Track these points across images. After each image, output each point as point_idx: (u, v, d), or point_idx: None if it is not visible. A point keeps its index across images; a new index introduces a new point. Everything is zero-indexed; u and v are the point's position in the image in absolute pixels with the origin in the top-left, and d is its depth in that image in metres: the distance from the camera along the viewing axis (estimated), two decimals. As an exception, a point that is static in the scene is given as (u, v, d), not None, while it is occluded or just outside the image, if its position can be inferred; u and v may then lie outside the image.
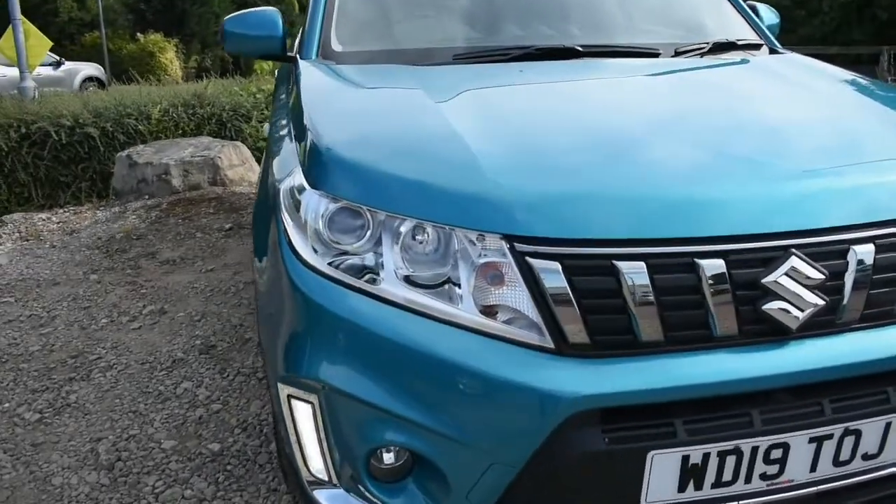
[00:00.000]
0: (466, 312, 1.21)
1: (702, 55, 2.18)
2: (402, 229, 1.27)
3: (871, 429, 1.26)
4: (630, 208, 1.21)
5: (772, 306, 1.20)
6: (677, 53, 2.16)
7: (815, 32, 21.20)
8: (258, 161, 6.00)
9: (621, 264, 1.17)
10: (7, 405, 2.53)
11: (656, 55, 2.14)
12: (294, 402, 1.34)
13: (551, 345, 1.18)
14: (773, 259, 1.21)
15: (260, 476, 2.09)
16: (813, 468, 1.26)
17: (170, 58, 28.49)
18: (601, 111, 1.68)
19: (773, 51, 2.34)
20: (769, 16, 2.67)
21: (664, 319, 1.18)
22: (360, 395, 1.23)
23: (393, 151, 1.40)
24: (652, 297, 1.17)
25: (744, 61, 2.21)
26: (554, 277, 1.17)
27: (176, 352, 2.87)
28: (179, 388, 2.60)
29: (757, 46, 2.34)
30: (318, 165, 1.37)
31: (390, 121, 1.58)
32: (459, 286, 1.23)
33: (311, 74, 1.89)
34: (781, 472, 1.24)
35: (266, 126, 5.47)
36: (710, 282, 1.18)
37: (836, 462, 1.27)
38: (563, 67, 1.98)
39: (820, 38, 20.80)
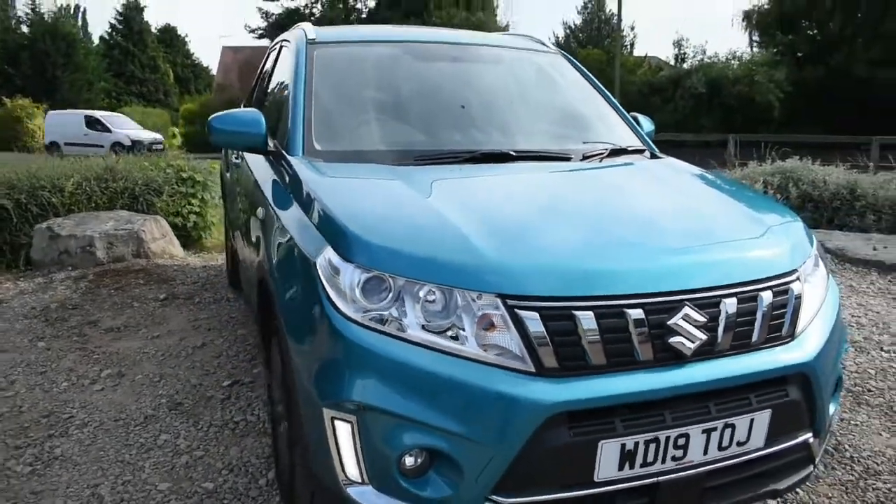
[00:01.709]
0: (471, 349, 1.71)
1: (601, 159, 2.84)
2: (418, 291, 1.76)
3: (741, 423, 1.85)
4: (582, 276, 1.77)
5: (674, 340, 1.78)
6: (584, 157, 2.80)
7: (669, 119, 23.60)
8: (177, 235, 6.24)
9: (577, 313, 1.72)
10: (-8, 461, 2.71)
11: (569, 159, 2.77)
12: (336, 423, 1.76)
13: (532, 368, 1.69)
14: (673, 308, 1.80)
15: (253, 507, 2.43)
16: (705, 452, 1.83)
17: (38, 124, 27.41)
18: (547, 202, 2.27)
19: (653, 155, 3.05)
20: (647, 124, 3.39)
21: (606, 350, 1.73)
22: (395, 409, 1.69)
23: (405, 234, 1.90)
24: (598, 335, 1.72)
25: (632, 164, 2.88)
26: (534, 322, 1.70)
27: (145, 409, 3.13)
28: (159, 439, 2.88)
29: (641, 151, 3.04)
30: (350, 245, 1.85)
31: (395, 210, 2.08)
32: (464, 330, 1.73)
33: (313, 171, 2.36)
34: (685, 454, 1.80)
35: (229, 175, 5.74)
36: (634, 324, 1.75)
37: (720, 447, 1.85)
38: (505, 169, 2.56)
39: (674, 124, 23.20)
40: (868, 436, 2.98)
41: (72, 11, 37.66)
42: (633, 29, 42.21)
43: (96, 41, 38.13)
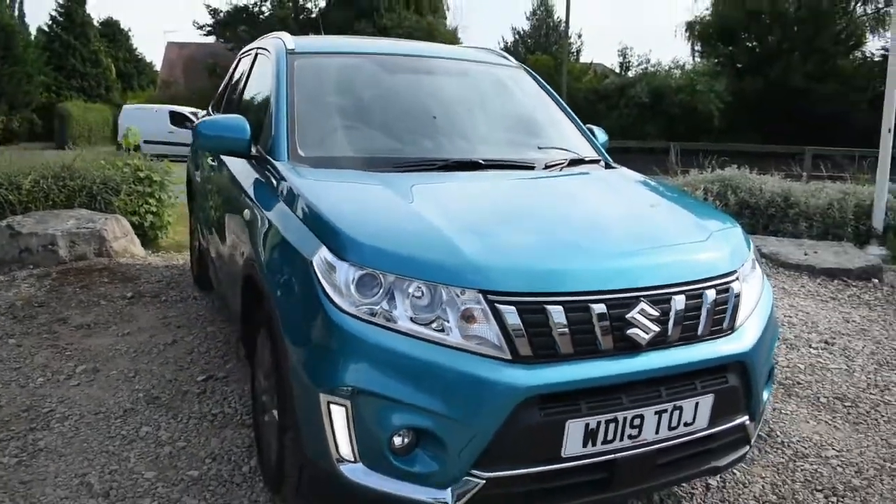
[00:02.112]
0: (454, 339, 1.92)
1: (561, 168, 3.08)
2: (407, 287, 1.96)
3: (688, 405, 2.10)
4: (553, 275, 2.00)
5: (631, 331, 2.02)
6: (547, 167, 3.04)
7: (614, 125, 24.25)
8: (137, 234, 6.27)
9: (549, 307, 1.94)
10: (-23, 454, 2.79)
11: (533, 168, 3.01)
12: (332, 407, 1.94)
13: (509, 356, 1.91)
14: (631, 303, 2.04)
15: (239, 492, 2.58)
16: (657, 431, 2.07)
17: (-26, 117, 26.48)
18: (517, 207, 2.51)
19: (608, 165, 3.30)
20: (601, 136, 3.65)
21: (573, 340, 1.96)
22: (386, 393, 1.88)
23: (394, 235, 2.09)
24: (566, 327, 1.95)
25: (589, 174, 3.13)
26: (511, 315, 1.91)
27: (123, 403, 3.24)
28: (141, 431, 2.99)
29: (597, 161, 3.29)
30: (344, 245, 2.03)
31: (383, 213, 2.27)
32: (448, 322, 1.93)
33: (301, 176, 2.52)
34: (640, 433, 2.04)
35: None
36: (597, 318, 1.99)
37: (670, 427, 2.09)
38: (475, 176, 2.77)
39: (619, 130, 23.85)
40: (797, 423, 3.30)
41: (7, 2, 36.43)
42: (580, 36, 43.15)
43: (34, 33, 36.92)
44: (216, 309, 4.54)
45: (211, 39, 35.43)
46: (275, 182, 2.62)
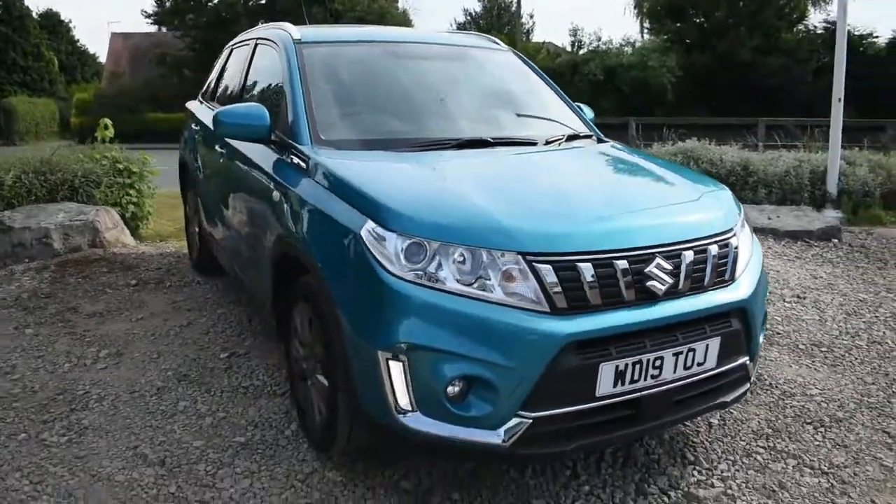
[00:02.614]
0: (497, 296, 2.14)
1: (559, 144, 3.32)
2: (451, 252, 2.17)
3: (700, 347, 2.37)
4: (581, 236, 2.24)
5: (650, 284, 2.27)
6: (547, 143, 3.27)
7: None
8: (126, 224, 6.33)
9: (579, 265, 2.18)
10: (25, 435, 2.91)
11: (535, 144, 3.23)
12: (391, 363, 2.16)
13: (548, 309, 2.14)
14: (648, 259, 2.29)
15: (286, 453, 2.78)
16: (674, 371, 2.33)
17: None
18: (534, 178, 2.75)
19: (599, 140, 3.55)
20: (588, 112, 3.90)
21: (601, 293, 2.20)
22: (441, 346, 2.10)
23: (434, 206, 2.30)
24: (595, 281, 2.19)
25: (586, 147, 3.37)
26: (548, 272, 2.14)
27: (155, 382, 3.39)
28: (179, 405, 3.16)
29: (590, 136, 3.53)
30: (391, 217, 2.23)
31: (420, 187, 2.48)
32: (490, 280, 2.15)
33: (333, 157, 2.70)
34: (661, 373, 2.30)
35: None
36: (621, 272, 2.23)
37: (685, 367, 2.36)
38: (488, 153, 2.98)
39: (575, 107, 24.04)
40: (781, 368, 3.63)
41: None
42: (531, 17, 43.45)
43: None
44: (222, 291, 4.69)
45: (155, 29, 34.69)
46: (304, 164, 2.79)
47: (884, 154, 10.55)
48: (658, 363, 2.29)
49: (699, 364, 2.40)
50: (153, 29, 35.02)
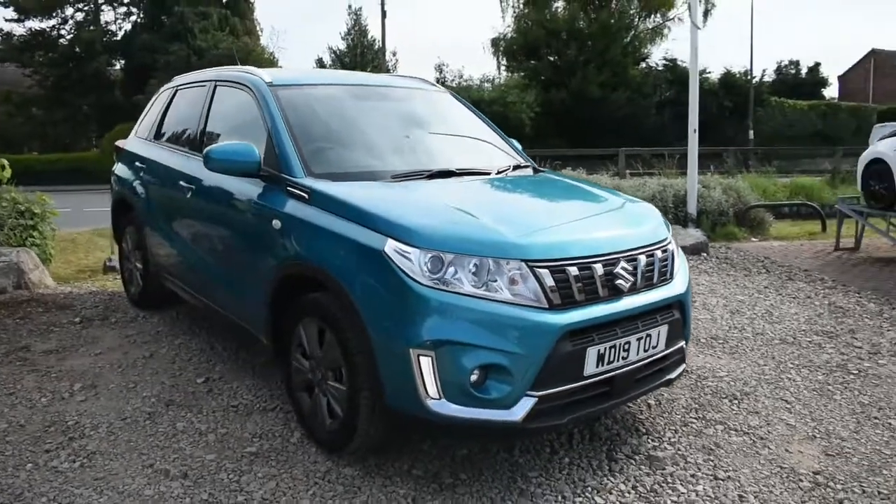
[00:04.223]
0: (504, 296, 2.60)
1: (507, 173, 3.84)
2: (465, 263, 2.61)
3: (654, 333, 2.94)
4: (569, 246, 2.74)
5: (618, 282, 2.82)
6: (498, 172, 3.79)
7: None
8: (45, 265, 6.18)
9: (568, 268, 2.68)
10: (32, 464, 2.99)
11: (489, 174, 3.73)
12: (421, 358, 2.54)
13: (546, 305, 2.62)
14: (615, 262, 2.83)
15: (298, 457, 3.05)
16: (638, 353, 2.88)
17: None
18: (510, 200, 3.27)
19: (535, 170, 4.11)
20: (517, 144, 4.47)
21: (583, 290, 2.71)
22: (464, 339, 2.52)
23: (446, 225, 2.72)
24: (579, 281, 2.70)
25: (534, 175, 3.93)
26: (546, 275, 2.63)
27: (142, 409, 3.52)
28: (177, 426, 3.33)
29: (527, 167, 4.09)
30: (412, 236, 2.62)
31: (427, 210, 2.88)
32: (497, 282, 2.60)
33: (335, 187, 3.04)
34: (629, 355, 2.84)
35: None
36: (597, 274, 2.76)
37: (644, 350, 2.91)
38: (461, 180, 3.43)
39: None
40: (691, 358, 4.30)
41: None
42: (395, 55, 44.56)
43: None
44: (171, 324, 4.79)
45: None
46: (305, 194, 3.11)
47: (730, 177, 12.08)
48: (626, 346, 2.83)
49: (654, 347, 2.96)
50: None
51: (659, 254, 3.06)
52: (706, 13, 30.46)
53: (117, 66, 32.98)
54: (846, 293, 6.16)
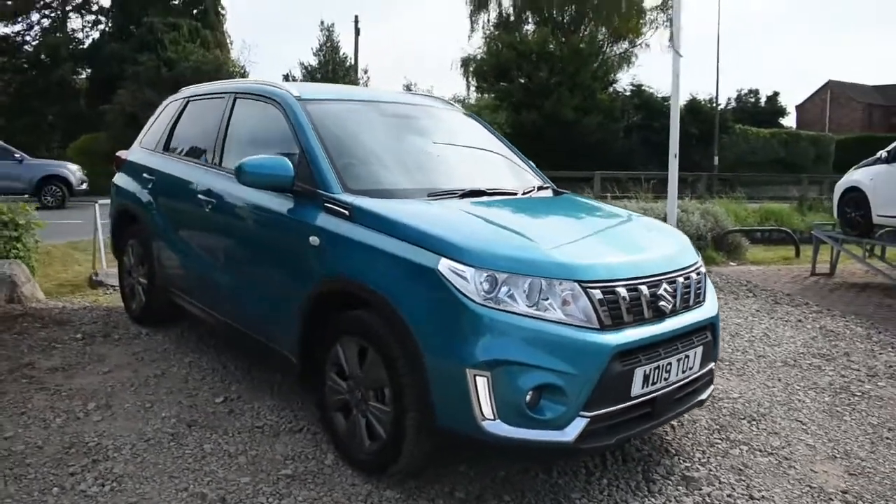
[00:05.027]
0: (557, 316, 2.61)
1: (532, 195, 3.88)
2: (519, 282, 2.62)
3: (691, 354, 2.98)
4: (618, 268, 2.78)
5: (661, 304, 2.86)
6: (524, 193, 3.82)
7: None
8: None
9: (618, 289, 2.71)
10: (58, 488, 2.88)
11: (516, 194, 3.76)
12: (477, 378, 2.53)
13: (597, 326, 2.64)
14: (658, 283, 2.87)
15: (336, 479, 3.00)
16: (677, 374, 2.92)
17: None
18: (548, 221, 3.30)
19: (555, 192, 4.16)
20: (536, 168, 4.51)
21: (630, 311, 2.75)
22: (520, 359, 2.52)
23: (499, 245, 2.73)
24: (628, 302, 2.73)
25: (556, 197, 3.98)
26: (597, 296, 2.65)
27: (165, 430, 3.42)
28: (204, 448, 3.24)
29: (548, 188, 4.13)
30: (466, 255, 2.62)
31: (476, 229, 2.88)
32: (549, 301, 2.62)
33: (384, 206, 3.01)
34: (670, 376, 2.88)
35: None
36: (645, 294, 2.80)
37: (683, 371, 2.95)
38: (492, 200, 3.45)
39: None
40: (703, 377, 4.36)
41: None
42: (366, 72, 44.58)
43: None
44: (177, 341, 4.69)
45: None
46: (346, 211, 3.08)
47: (705, 202, 12.35)
48: (668, 367, 2.87)
49: (690, 368, 3.01)
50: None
51: (694, 276, 3.12)
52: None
53: (83, 76, 32.37)
54: (833, 317, 6.33)
